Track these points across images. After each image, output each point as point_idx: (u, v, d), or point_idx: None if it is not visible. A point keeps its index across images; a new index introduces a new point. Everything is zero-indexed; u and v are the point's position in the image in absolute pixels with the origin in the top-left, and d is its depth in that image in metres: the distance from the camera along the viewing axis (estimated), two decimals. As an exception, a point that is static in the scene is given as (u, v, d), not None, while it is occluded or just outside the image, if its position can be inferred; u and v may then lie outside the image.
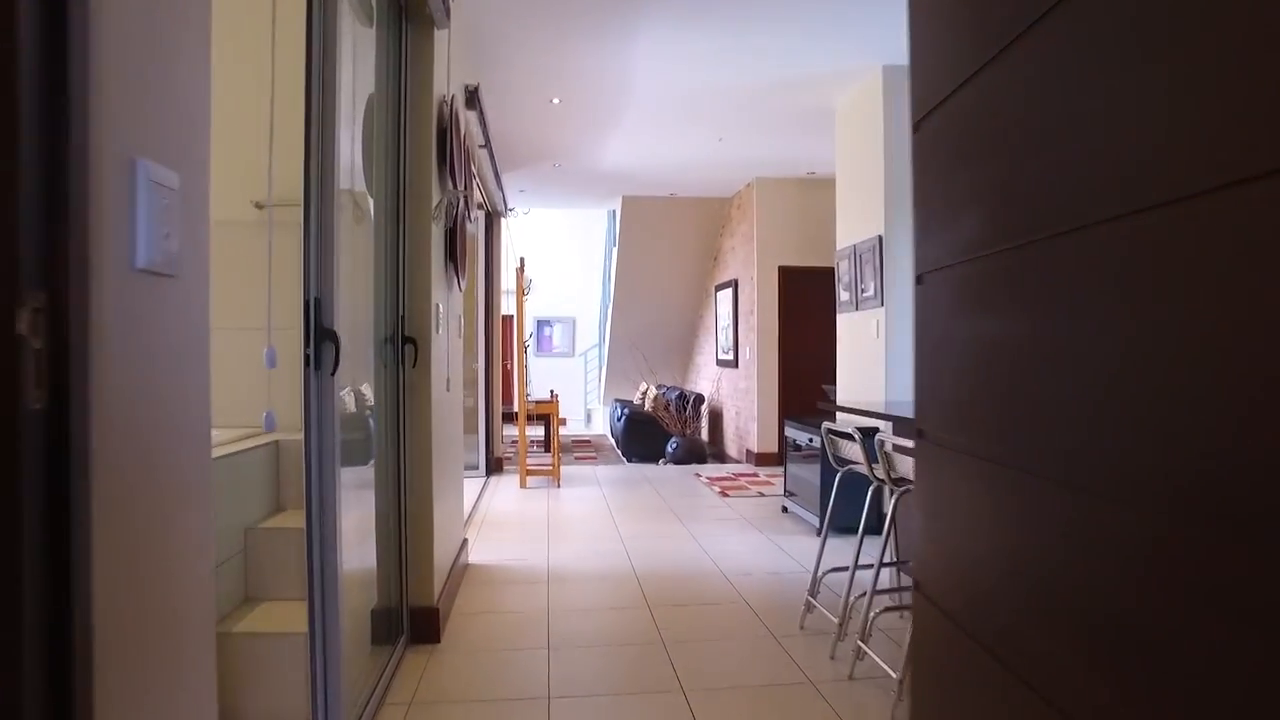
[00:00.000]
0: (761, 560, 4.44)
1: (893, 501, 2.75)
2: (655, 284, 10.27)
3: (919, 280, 1.11)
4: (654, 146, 7.05)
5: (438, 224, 3.25)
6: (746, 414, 8.49)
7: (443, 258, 3.49)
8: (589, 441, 11.47)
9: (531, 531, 5.20)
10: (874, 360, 5.17)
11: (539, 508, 6.00)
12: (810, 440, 5.16)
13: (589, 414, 13.70)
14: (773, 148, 7.07)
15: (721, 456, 9.41)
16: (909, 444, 2.59)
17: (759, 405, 8.13)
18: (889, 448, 2.79)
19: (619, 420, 9.88)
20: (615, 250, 10.13)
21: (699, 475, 7.52)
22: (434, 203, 3.19)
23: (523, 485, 6.84)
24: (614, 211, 10.60)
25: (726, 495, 6.43)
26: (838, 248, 5.78)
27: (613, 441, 11.18)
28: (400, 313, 3.08)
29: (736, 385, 8.92)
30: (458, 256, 3.60)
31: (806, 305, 8.28)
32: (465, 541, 4.35)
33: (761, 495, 6.45)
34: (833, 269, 8.43)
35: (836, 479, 3.37)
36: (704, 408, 9.43)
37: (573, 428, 13.55)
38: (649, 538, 4.99)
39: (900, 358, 5.00)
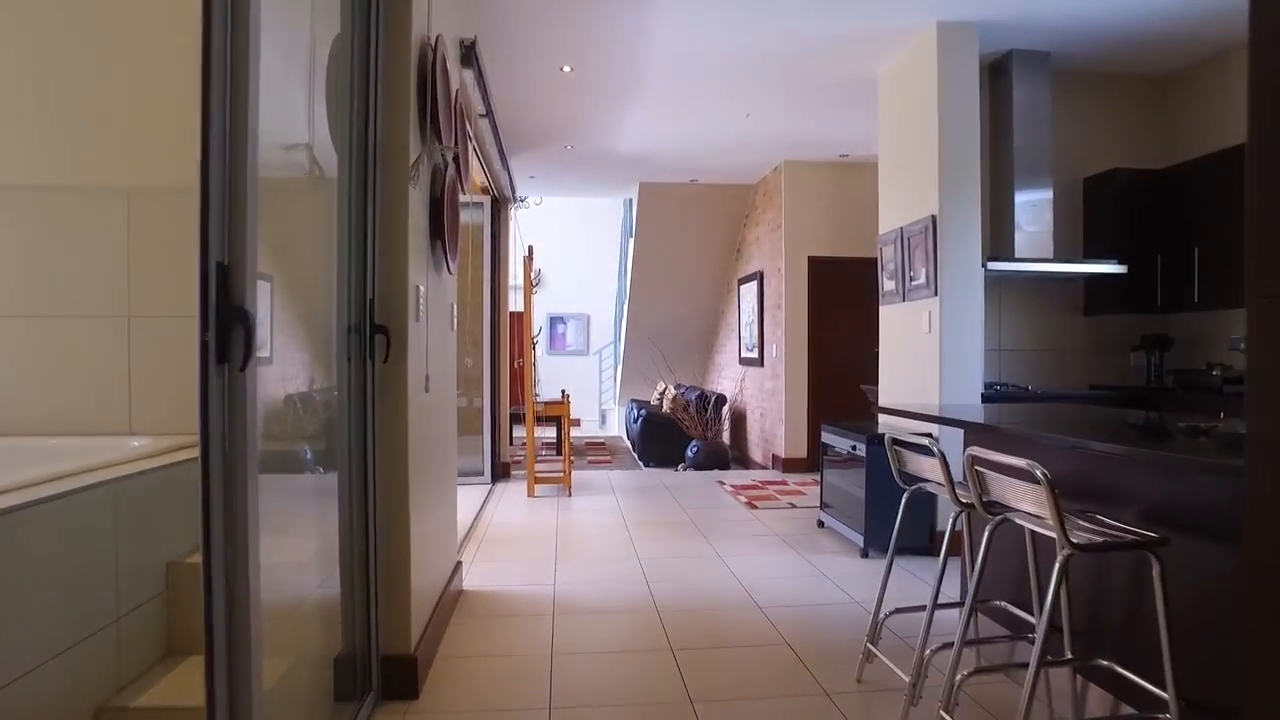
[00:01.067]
0: (801, 588, 3.84)
1: (987, 532, 2.16)
2: (674, 277, 9.68)
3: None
4: (675, 125, 6.46)
5: (416, 187, 2.67)
6: (773, 416, 7.89)
7: (426, 232, 2.92)
8: (603, 444, 10.90)
9: (537, 549, 4.63)
10: (925, 357, 4.55)
11: (547, 520, 5.43)
12: (853, 448, 4.56)
13: (604, 415, 13.13)
14: (804, 126, 6.45)
15: (745, 461, 8.81)
16: (1014, 461, 1.99)
17: (787, 407, 7.52)
18: (981, 464, 2.19)
19: (635, 422, 9.31)
20: (632, 242, 9.55)
21: (722, 483, 6.92)
22: (411, 159, 2.62)
23: (530, 494, 6.28)
24: (630, 200, 10.02)
25: (754, 507, 5.83)
26: (881, 232, 5.17)
27: (628, 444, 10.60)
28: (369, 296, 2.51)
29: (762, 385, 8.31)
30: (445, 231, 3.03)
31: (839, 299, 7.66)
32: (459, 565, 3.78)
33: (793, 507, 5.84)
34: (868, 260, 7.80)
35: (903, 500, 2.76)
36: (726, 409, 8.83)
37: (586, 429, 12.99)
38: (670, 558, 4.40)
39: (957, 354, 4.39)
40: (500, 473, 7.17)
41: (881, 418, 5.12)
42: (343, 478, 2.46)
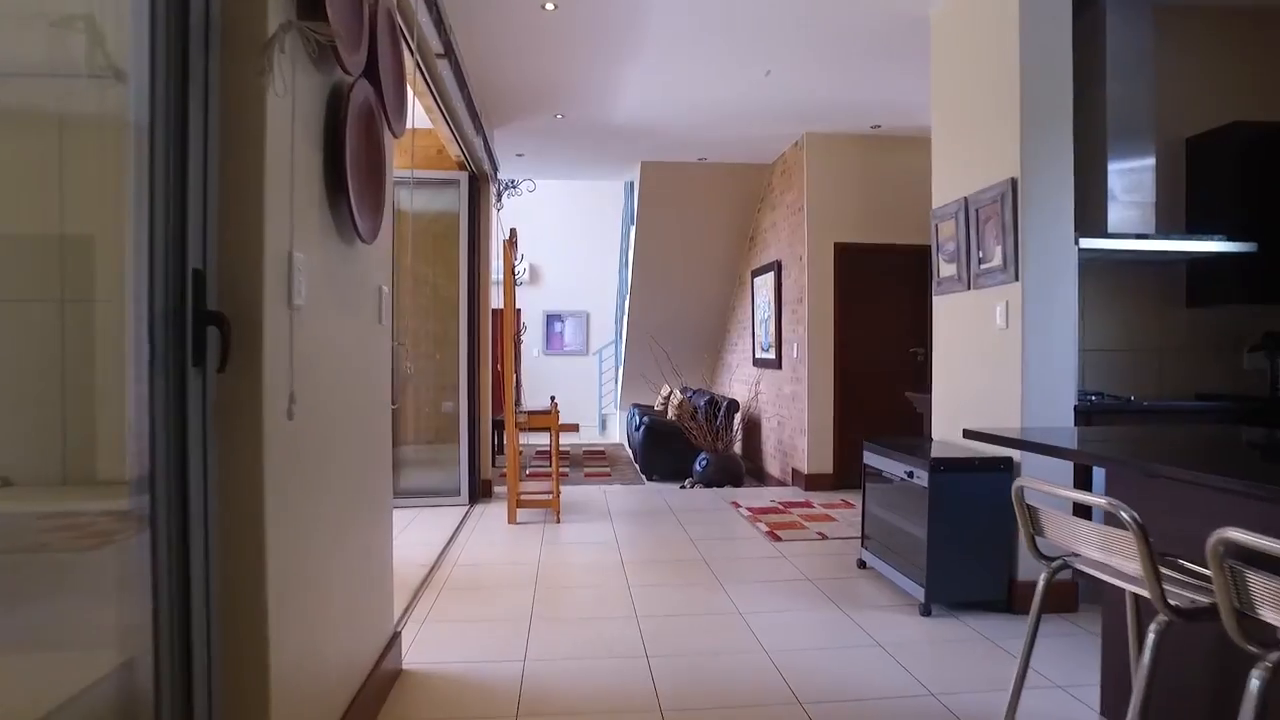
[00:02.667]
0: (852, 666, 2.89)
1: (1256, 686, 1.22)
2: (680, 268, 8.72)
3: None
4: (680, 89, 5.51)
5: (275, 88, 1.71)
6: (793, 425, 6.93)
7: (319, 176, 1.97)
8: (603, 452, 9.95)
9: (511, 602, 3.68)
10: (1000, 359, 3.60)
11: (527, 557, 4.48)
12: (909, 475, 3.60)
13: (604, 420, 12.19)
14: (831, 88, 5.50)
15: (760, 476, 7.85)
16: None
17: (810, 415, 6.56)
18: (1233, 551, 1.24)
19: (637, 430, 8.36)
20: (633, 229, 8.60)
21: (737, 505, 5.96)
22: (269, 32, 1.66)
23: (512, 520, 5.33)
24: (631, 183, 9.07)
25: (777, 538, 4.88)
26: (936, 205, 4.21)
27: (629, 453, 9.66)
28: (191, 265, 1.56)
29: (779, 390, 7.35)
30: (351, 177, 2.08)
31: (871, 291, 6.70)
32: (397, 636, 2.84)
33: (823, 538, 4.88)
34: (904, 247, 6.87)
35: (1041, 584, 1.81)
36: (738, 417, 7.88)
37: (585, 435, 12.06)
38: (677, 617, 3.45)
39: (1044, 355, 3.43)
40: (480, 492, 6.23)
41: (938, 435, 4.17)
42: (158, 540, 1.52)
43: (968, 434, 2.50)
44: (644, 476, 7.96)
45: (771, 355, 7.53)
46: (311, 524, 1.94)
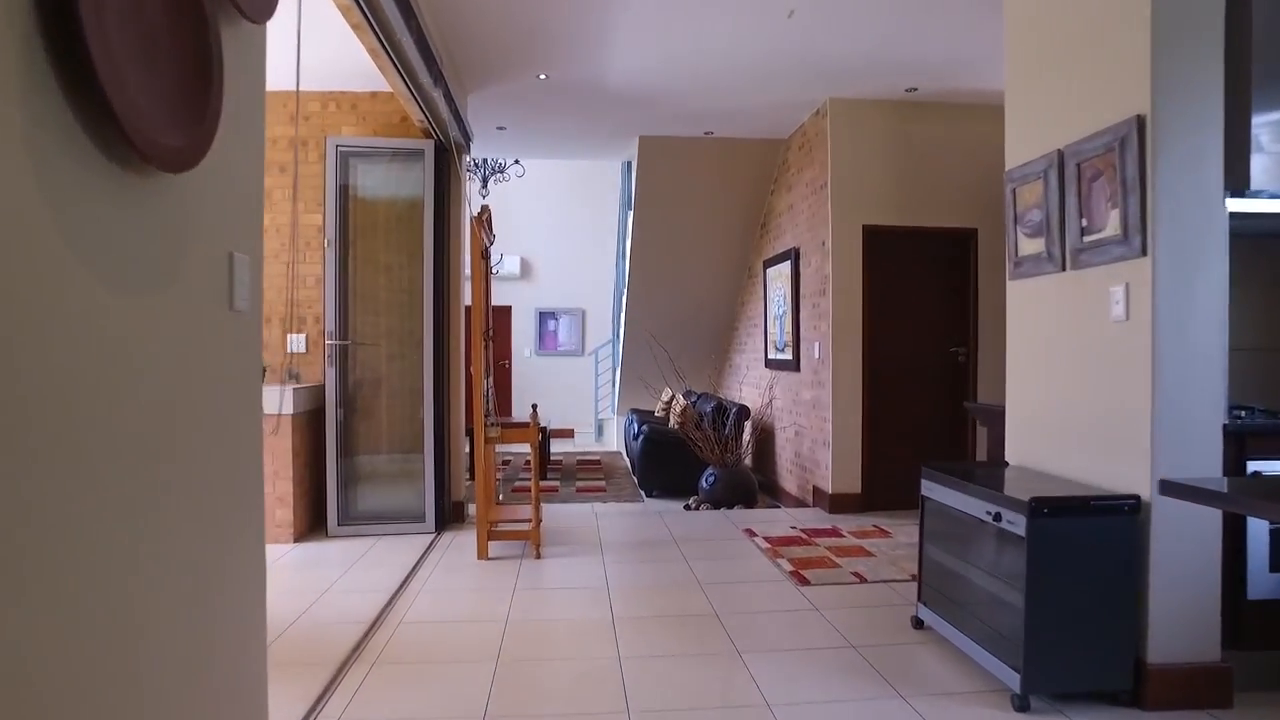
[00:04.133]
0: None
1: None
2: (683, 259, 7.81)
3: None
4: (685, 38, 4.60)
5: None
6: (814, 436, 6.01)
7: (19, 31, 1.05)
8: (598, 462, 9.04)
9: (461, 687, 2.77)
10: (1116, 361, 2.68)
11: (494, 611, 3.57)
12: (994, 517, 2.68)
13: (600, 425, 11.29)
14: (862, 41, 4.59)
15: (774, 493, 6.94)
16: None
17: (835, 425, 5.65)
18: None
19: (635, 439, 7.45)
20: (631, 215, 7.69)
21: (752, 533, 5.04)
22: None
23: (482, 555, 4.41)
24: (629, 164, 8.16)
25: (804, 580, 3.96)
26: (1011, 166, 3.30)
27: (627, 463, 8.75)
28: None
29: (797, 395, 6.44)
30: (92, 38, 1.15)
31: (906, 282, 5.80)
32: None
33: (861, 580, 3.97)
34: (948, 231, 5.77)
35: None
36: (749, 425, 6.97)
37: (581, 442, 11.16)
38: (684, 713, 2.54)
39: (1184, 357, 2.52)
40: (450, 516, 5.32)
41: (1013, 458, 3.25)
42: None
43: (1167, 488, 1.58)
44: (642, 493, 7.06)
45: (788, 356, 6.62)
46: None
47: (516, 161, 9.49)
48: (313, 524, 5.04)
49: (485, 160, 9.19)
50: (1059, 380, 3.01)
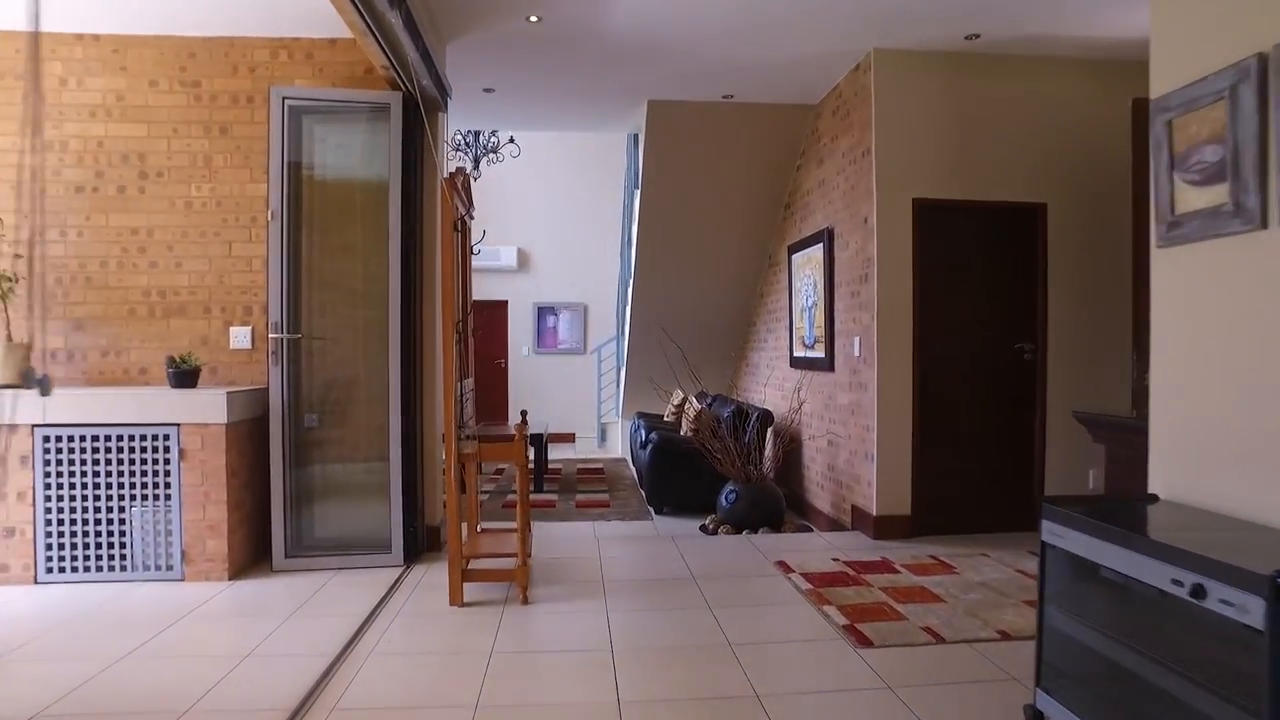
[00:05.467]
0: None
1: None
2: (695, 244, 6.93)
3: None
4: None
5: None
6: (853, 447, 5.14)
7: None
8: (601, 471, 8.18)
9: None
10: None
11: (461, 694, 2.70)
12: (1193, 591, 1.79)
13: (603, 430, 10.42)
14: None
15: (801, 509, 6.07)
16: None
17: (880, 434, 4.77)
18: None
19: (643, 448, 6.59)
20: (638, 195, 6.82)
21: (786, 568, 4.16)
22: None
23: (455, 600, 3.54)
24: (636, 136, 7.29)
25: (863, 639, 3.09)
26: (1163, 91, 2.42)
27: (634, 473, 7.89)
28: None
29: (830, 399, 5.56)
30: None
31: (963, 266, 4.93)
32: None
33: (936, 639, 3.09)
34: (1016, 206, 4.81)
35: None
36: (771, 433, 6.09)
37: (583, 448, 10.29)
38: None
39: None
40: (425, 544, 4.47)
41: (1163, 490, 2.37)
42: None
43: None
44: (651, 510, 6.19)
45: (819, 354, 5.75)
46: None
47: (511, 140, 8.63)
48: (255, 555, 4.18)
49: (476, 137, 8.32)
50: (1248, 385, 2.13)
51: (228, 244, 4.40)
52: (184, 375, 4.01)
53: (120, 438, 3.81)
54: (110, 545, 3.83)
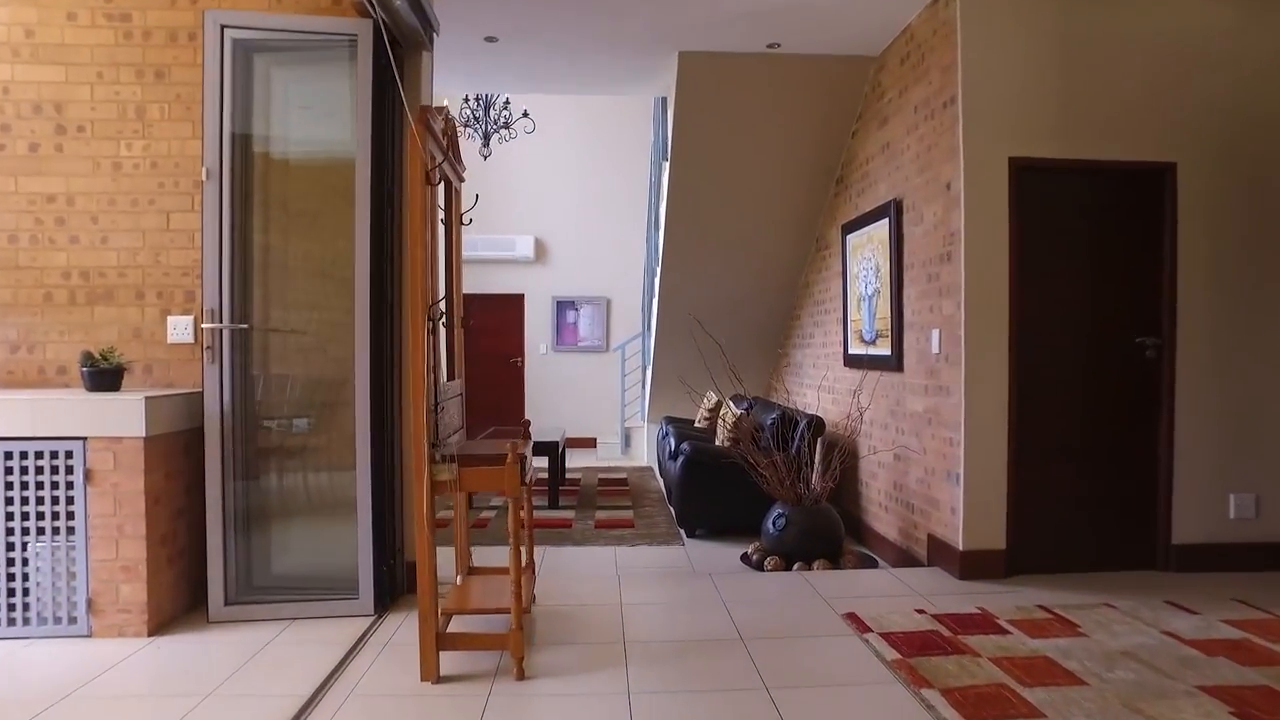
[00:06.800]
0: None
1: None
2: (730, 224, 6.05)
3: None
4: None
5: None
6: (931, 464, 4.21)
7: None
8: (624, 482, 7.31)
9: None
10: None
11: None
12: None
13: (627, 434, 9.55)
14: None
15: (858, 533, 5.15)
16: None
17: (969, 449, 3.85)
18: None
19: (672, 459, 5.72)
20: (666, 167, 5.94)
21: (860, 623, 3.25)
22: None
23: (429, 676, 2.68)
24: (664, 100, 6.41)
25: (993, 754, 2.18)
26: None
27: (660, 484, 7.03)
28: None
29: (899, 405, 4.64)
30: None
31: (1073, 241, 4.00)
32: None
33: (1098, 756, 2.17)
34: (1134, 165, 3.84)
35: None
36: (822, 444, 5.17)
37: (605, 454, 9.43)
38: None
39: None
40: (406, 585, 3.62)
41: None
42: None
43: None
44: (682, 531, 5.32)
45: (883, 350, 4.82)
46: None
47: (525, 114, 7.79)
48: (193, 601, 3.35)
49: (485, 107, 7.49)
50: None
51: (165, 215, 3.58)
52: (102, 376, 3.19)
53: (12, 455, 2.99)
54: (5, 592, 3.02)
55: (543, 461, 6.20)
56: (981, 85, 3.87)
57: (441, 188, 3.20)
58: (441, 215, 3.33)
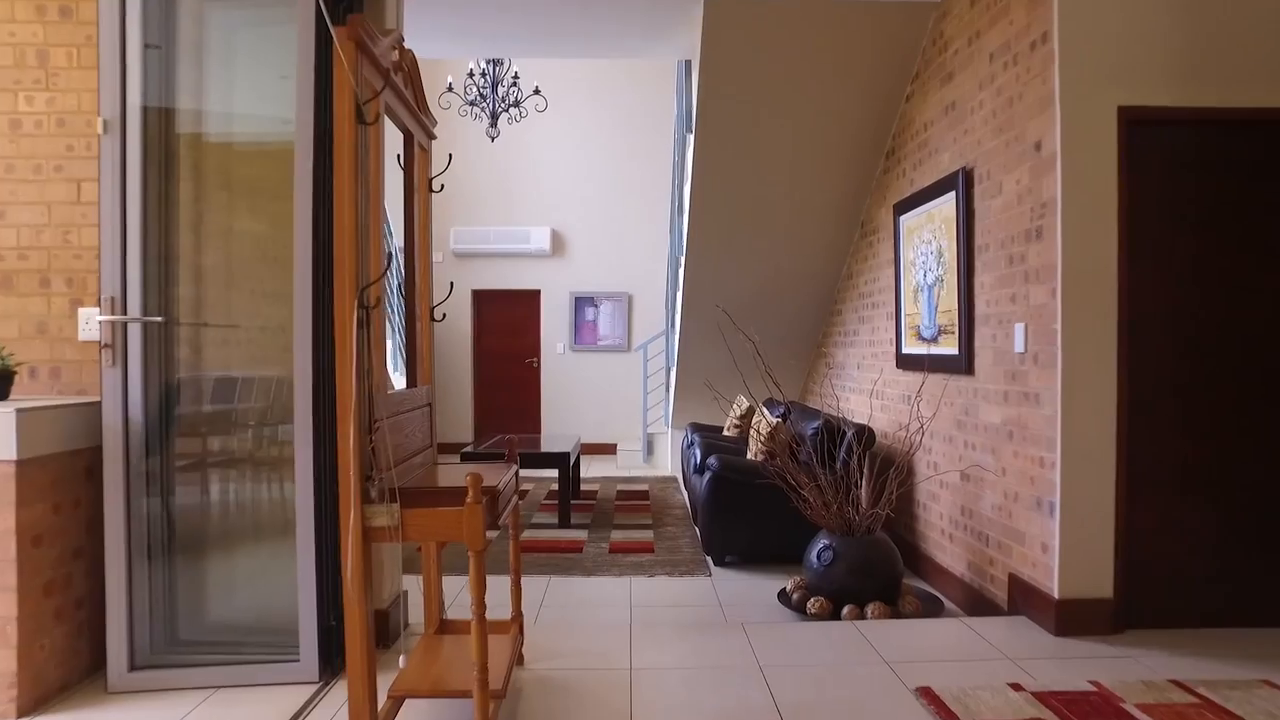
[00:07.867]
0: None
1: None
2: (764, 205, 5.30)
3: None
4: None
5: None
6: (1014, 488, 3.43)
7: None
8: (645, 495, 6.59)
9: None
10: None
11: None
12: None
13: (649, 441, 8.82)
14: None
15: (914, 563, 4.38)
16: None
17: (1066, 471, 3.07)
18: None
19: (698, 472, 5.00)
20: (691, 141, 5.20)
21: (939, 704, 2.49)
22: None
23: (362, 790, 1.98)
24: (689, 63, 5.68)
25: None
26: None
27: (684, 499, 6.31)
28: None
29: (969, 414, 3.85)
30: None
31: (1201, 213, 3.20)
32: None
33: None
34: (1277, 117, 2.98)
35: None
36: (870, 457, 4.39)
37: (625, 462, 8.72)
38: None
39: None
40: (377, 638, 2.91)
41: None
42: None
43: None
44: (709, 559, 4.59)
45: (947, 349, 4.05)
46: None
47: (537, 90, 7.10)
48: (91, 664, 2.68)
49: (493, 84, 6.80)
50: None
51: (75, 184, 2.92)
52: (-18, 382, 2.54)
53: None
54: None
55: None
56: (1083, 16, 3.09)
57: (406, 146, 2.51)
58: (398, 178, 2.63)
